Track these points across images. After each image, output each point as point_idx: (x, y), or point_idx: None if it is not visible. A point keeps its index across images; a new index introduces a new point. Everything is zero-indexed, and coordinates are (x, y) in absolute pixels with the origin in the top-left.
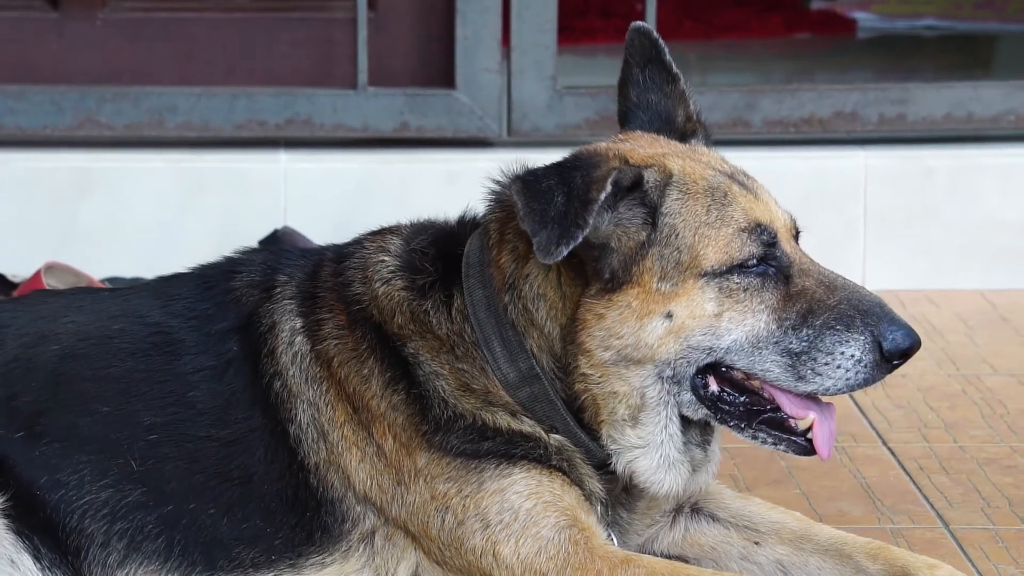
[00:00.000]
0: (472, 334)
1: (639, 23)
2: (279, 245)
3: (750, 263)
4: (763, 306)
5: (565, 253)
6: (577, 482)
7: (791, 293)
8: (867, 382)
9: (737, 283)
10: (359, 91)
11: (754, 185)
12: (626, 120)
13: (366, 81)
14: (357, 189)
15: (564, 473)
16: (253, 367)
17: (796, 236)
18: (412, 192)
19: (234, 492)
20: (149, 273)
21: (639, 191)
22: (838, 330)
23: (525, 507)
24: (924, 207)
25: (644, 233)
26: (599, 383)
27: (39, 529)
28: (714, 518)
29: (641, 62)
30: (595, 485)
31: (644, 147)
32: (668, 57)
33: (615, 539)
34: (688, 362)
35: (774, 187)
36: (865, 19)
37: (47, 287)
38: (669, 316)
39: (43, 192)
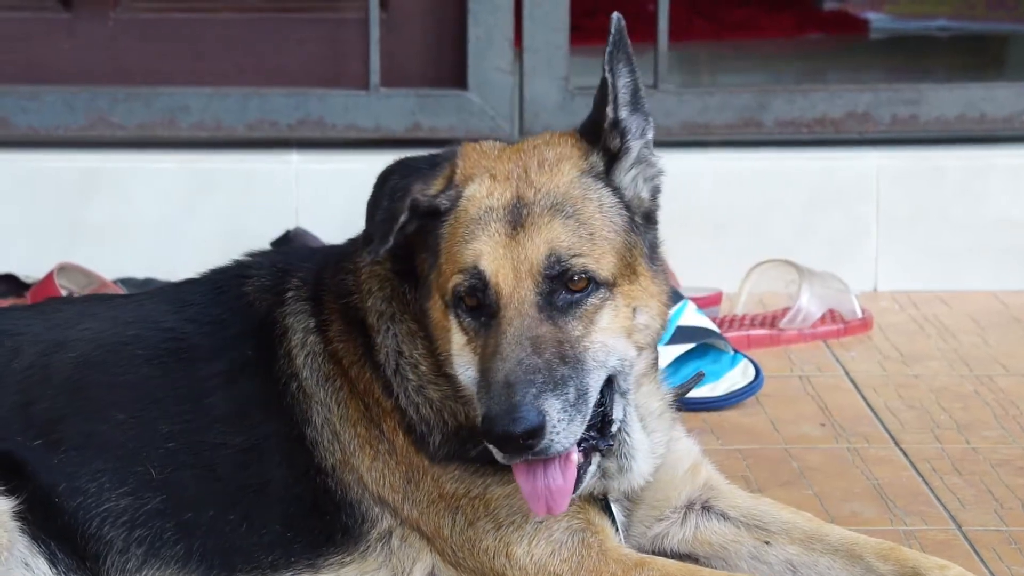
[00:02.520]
0: None
1: (614, 13)
2: (291, 246)
3: (465, 304)
4: (478, 348)
5: (368, 261)
6: None
7: (486, 342)
8: (502, 457)
9: (461, 320)
10: (371, 91)
11: (534, 224)
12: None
13: (378, 82)
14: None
15: None
16: (268, 371)
17: (565, 286)
18: None
19: (253, 499)
20: (160, 273)
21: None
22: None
23: None
24: (936, 208)
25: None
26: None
27: (56, 535)
28: (725, 517)
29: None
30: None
31: (492, 159)
32: (605, 55)
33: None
34: None
35: (786, 187)
36: (877, 19)
37: (59, 288)
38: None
39: (54, 192)
